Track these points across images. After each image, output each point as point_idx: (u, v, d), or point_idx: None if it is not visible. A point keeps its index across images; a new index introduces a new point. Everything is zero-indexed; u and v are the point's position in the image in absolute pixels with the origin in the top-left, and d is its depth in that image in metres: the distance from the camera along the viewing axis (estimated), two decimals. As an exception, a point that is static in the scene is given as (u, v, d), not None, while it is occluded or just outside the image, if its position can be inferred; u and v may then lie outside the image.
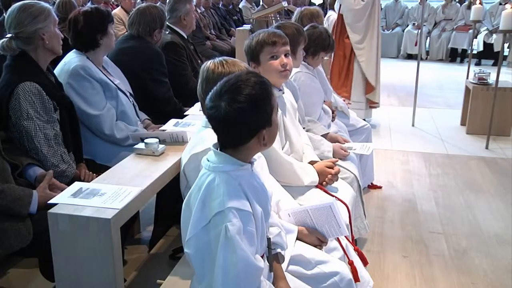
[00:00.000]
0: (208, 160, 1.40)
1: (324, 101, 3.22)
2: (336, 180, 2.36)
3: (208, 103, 1.35)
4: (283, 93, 2.34)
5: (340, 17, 4.98)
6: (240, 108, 1.29)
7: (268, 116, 1.35)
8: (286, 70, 2.23)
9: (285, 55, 2.22)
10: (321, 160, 2.47)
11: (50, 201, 1.64)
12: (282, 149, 2.29)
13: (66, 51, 2.51)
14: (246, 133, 1.34)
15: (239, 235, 1.30)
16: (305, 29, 2.81)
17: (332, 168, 2.36)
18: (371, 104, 5.10)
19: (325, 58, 3.48)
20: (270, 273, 1.56)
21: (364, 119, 4.73)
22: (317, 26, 3.08)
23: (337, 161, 2.49)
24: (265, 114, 1.34)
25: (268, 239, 1.53)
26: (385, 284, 2.57)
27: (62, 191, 1.75)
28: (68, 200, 1.62)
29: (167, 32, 3.45)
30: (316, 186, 2.32)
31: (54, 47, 2.20)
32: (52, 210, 1.56)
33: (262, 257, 1.49)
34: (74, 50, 2.57)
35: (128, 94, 2.70)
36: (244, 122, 1.31)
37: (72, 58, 2.51)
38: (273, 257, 1.59)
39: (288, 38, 2.26)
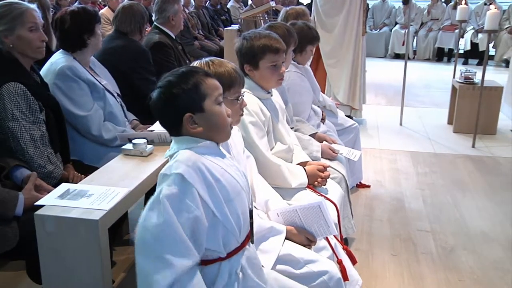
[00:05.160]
0: (169, 150, 1.43)
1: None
2: (325, 185, 2.37)
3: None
4: (271, 95, 2.35)
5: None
6: (160, 92, 1.41)
7: (193, 102, 1.37)
8: (282, 79, 2.30)
9: (282, 63, 2.27)
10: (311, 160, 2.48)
11: (37, 203, 1.62)
12: (271, 150, 2.30)
13: (49, 53, 2.47)
14: (169, 118, 1.41)
15: (171, 202, 1.25)
16: None
17: (323, 171, 2.36)
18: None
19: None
20: (253, 247, 1.53)
21: (352, 117, 4.74)
22: (295, 23, 3.04)
23: (329, 166, 2.48)
24: (187, 101, 1.37)
25: (251, 211, 1.49)
26: (374, 282, 2.59)
27: (49, 192, 1.73)
28: (55, 202, 1.60)
29: (154, 32, 3.43)
30: (306, 186, 2.32)
31: (24, 51, 2.12)
32: (38, 212, 1.54)
33: (247, 237, 1.46)
34: (60, 50, 2.54)
35: (115, 94, 2.68)
36: (164, 106, 1.42)
37: (58, 59, 2.48)
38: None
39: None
